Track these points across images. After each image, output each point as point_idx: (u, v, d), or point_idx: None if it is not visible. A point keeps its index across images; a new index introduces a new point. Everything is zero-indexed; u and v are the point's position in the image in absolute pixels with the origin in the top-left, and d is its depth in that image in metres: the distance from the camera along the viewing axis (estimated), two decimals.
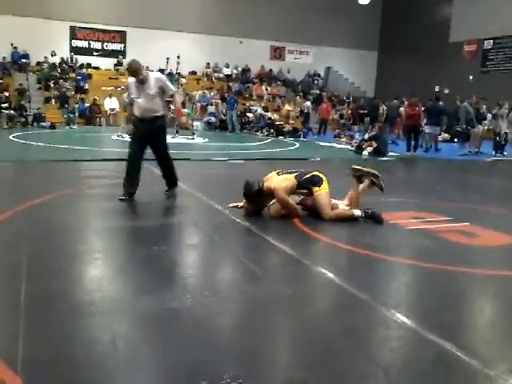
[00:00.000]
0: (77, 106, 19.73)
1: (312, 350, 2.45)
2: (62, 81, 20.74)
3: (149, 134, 5.85)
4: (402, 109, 18.30)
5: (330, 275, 3.48)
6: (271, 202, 5.15)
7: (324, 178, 5.18)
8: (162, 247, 4.10)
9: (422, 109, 14.39)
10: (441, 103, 14.85)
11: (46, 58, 22.00)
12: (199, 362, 2.26)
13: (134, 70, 5.77)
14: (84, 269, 3.69)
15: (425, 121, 14.72)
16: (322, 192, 5.08)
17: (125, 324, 2.67)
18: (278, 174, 5.19)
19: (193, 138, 15.39)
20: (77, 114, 19.55)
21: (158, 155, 6.07)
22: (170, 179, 6.17)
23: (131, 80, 5.93)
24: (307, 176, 5.14)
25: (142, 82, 5.78)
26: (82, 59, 23.32)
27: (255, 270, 3.60)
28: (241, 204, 5.36)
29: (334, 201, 5.24)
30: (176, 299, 2.97)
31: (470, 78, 22.81)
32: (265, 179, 5.13)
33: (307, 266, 3.71)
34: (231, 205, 5.46)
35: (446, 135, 17.95)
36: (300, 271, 3.64)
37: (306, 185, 5.12)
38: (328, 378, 2.19)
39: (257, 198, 5.06)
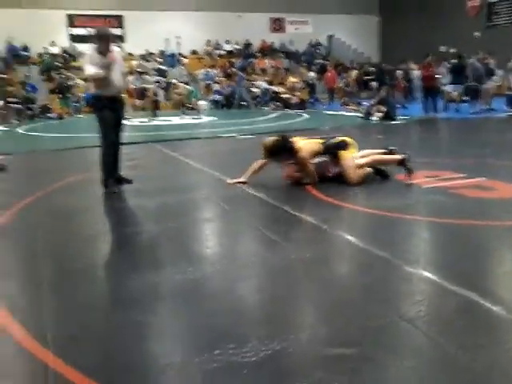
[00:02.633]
0: (81, 95, 19.67)
1: (334, 308, 2.47)
2: (64, 70, 20.66)
3: (119, 116, 5.29)
4: (415, 72, 18.00)
5: (349, 237, 3.49)
6: (286, 163, 5.22)
7: (352, 142, 5.27)
8: (179, 222, 4.13)
9: (448, 67, 14.11)
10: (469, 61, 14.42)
11: (45, 48, 21.92)
12: (225, 328, 2.30)
13: (110, 35, 5.16)
14: (103, 247, 3.74)
15: (445, 81, 14.49)
16: (349, 156, 5.15)
17: (148, 296, 2.71)
18: (305, 139, 5.33)
19: (199, 118, 15.34)
20: (83, 103, 19.48)
21: (119, 137, 5.38)
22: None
23: (91, 51, 5.17)
24: (334, 141, 5.24)
25: (105, 53, 5.06)
26: (82, 47, 23.18)
27: (273, 237, 3.61)
28: (242, 179, 5.32)
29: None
30: (197, 270, 3.00)
31: (475, 34, 22.31)
32: (292, 139, 5.20)
33: (325, 230, 3.72)
34: (232, 181, 5.40)
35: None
36: (319, 236, 3.65)
37: (332, 150, 5.20)
38: (352, 332, 2.21)
39: (284, 154, 5.10)
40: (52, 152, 8.93)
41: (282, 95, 19.28)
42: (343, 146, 5.19)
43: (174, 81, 17.17)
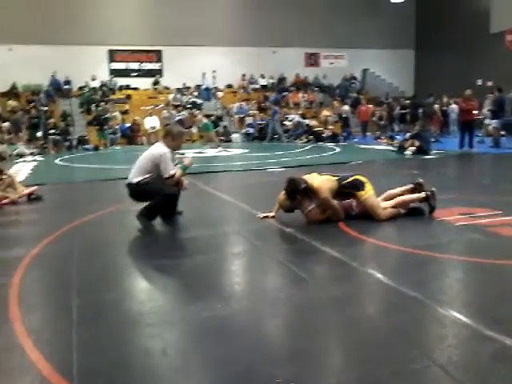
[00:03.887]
0: (117, 127, 20.22)
1: (364, 349, 2.39)
2: (103, 103, 21.32)
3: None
4: (453, 106, 17.91)
5: (380, 276, 3.41)
6: (308, 209, 5.00)
7: (365, 180, 5.12)
8: (209, 256, 4.13)
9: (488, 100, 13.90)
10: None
11: (86, 82, 22.74)
12: (251, 366, 2.25)
13: (184, 135, 5.45)
14: (133, 280, 3.75)
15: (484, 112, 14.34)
16: (369, 195, 5.03)
17: (175, 332, 2.69)
18: (319, 174, 5.17)
19: (214, 149, 15.48)
20: (118, 135, 20.00)
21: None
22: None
23: (166, 148, 5.32)
24: (348, 180, 5.08)
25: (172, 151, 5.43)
26: (121, 81, 23.97)
27: (302, 274, 3.56)
28: (272, 214, 5.30)
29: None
30: (224, 306, 2.97)
31: None
32: (306, 178, 5.09)
33: (355, 267, 3.64)
34: (261, 215, 5.38)
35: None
36: (348, 273, 3.58)
37: (347, 190, 5.07)
38: (382, 376, 2.13)
39: (300, 195, 4.97)
40: (87, 183, 9.14)
41: (314, 128, 19.35)
42: (359, 185, 5.03)
43: (195, 112, 17.22)
